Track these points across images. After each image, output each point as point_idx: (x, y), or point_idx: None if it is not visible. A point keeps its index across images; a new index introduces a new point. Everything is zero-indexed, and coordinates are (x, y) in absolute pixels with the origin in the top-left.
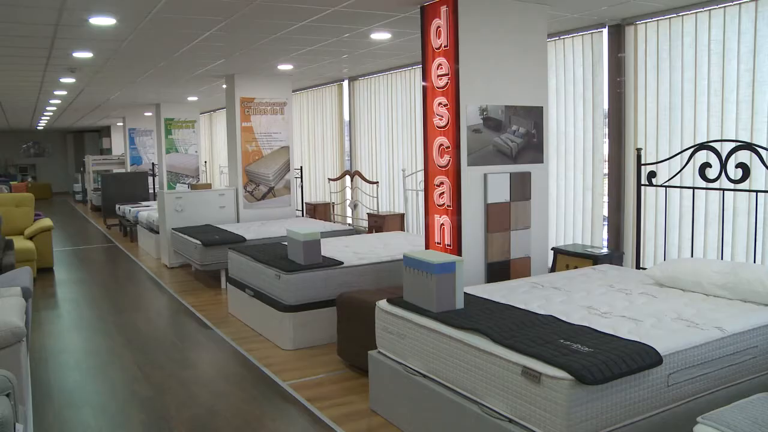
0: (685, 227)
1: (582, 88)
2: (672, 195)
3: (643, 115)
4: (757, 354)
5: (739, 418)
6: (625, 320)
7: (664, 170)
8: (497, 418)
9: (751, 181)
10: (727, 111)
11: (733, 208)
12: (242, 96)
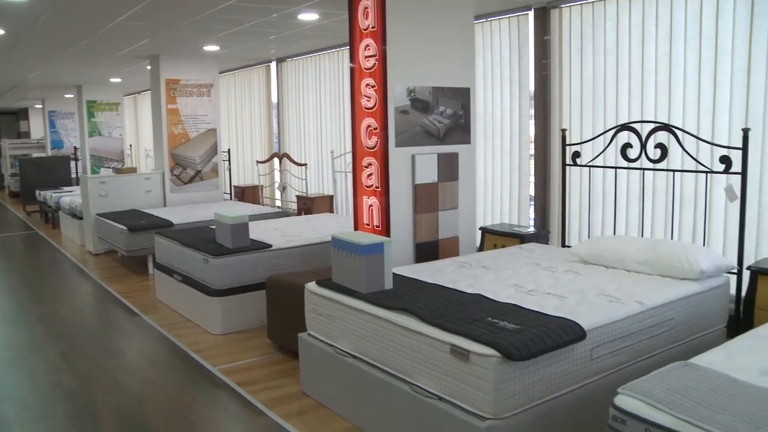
0: (608, 206)
1: (509, 70)
2: (595, 174)
3: (568, 97)
4: (674, 326)
5: (656, 386)
6: (550, 297)
7: (588, 150)
8: (427, 396)
9: (669, 160)
10: (646, 93)
11: (653, 186)
12: (167, 77)
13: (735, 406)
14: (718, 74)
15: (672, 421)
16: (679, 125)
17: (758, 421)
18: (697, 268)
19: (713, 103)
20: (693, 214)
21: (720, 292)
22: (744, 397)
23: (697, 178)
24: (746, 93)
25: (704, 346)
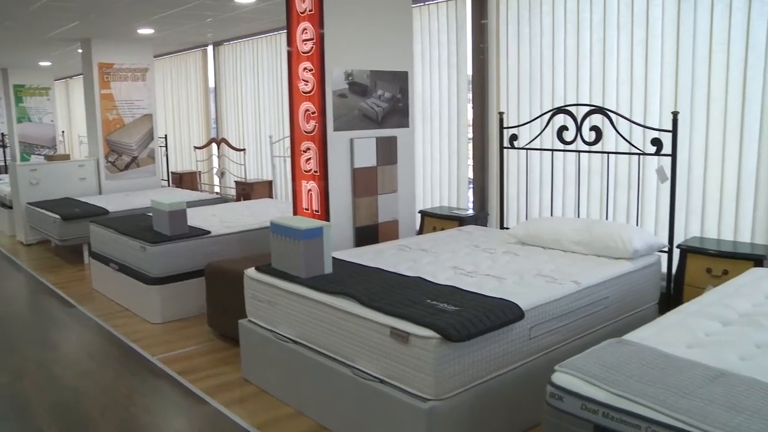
0: (545, 188)
1: (447, 54)
2: (532, 157)
3: (505, 81)
4: (609, 304)
5: (591, 363)
6: (489, 278)
7: (525, 133)
8: (368, 379)
9: (603, 143)
10: (581, 77)
11: (588, 168)
12: (100, 61)
13: (665, 378)
14: (649, 59)
15: (606, 396)
16: (613, 108)
17: (685, 392)
18: (630, 248)
19: (645, 88)
20: (627, 195)
21: (652, 271)
22: (673, 369)
23: (630, 160)
24: (675, 77)
25: (637, 323)
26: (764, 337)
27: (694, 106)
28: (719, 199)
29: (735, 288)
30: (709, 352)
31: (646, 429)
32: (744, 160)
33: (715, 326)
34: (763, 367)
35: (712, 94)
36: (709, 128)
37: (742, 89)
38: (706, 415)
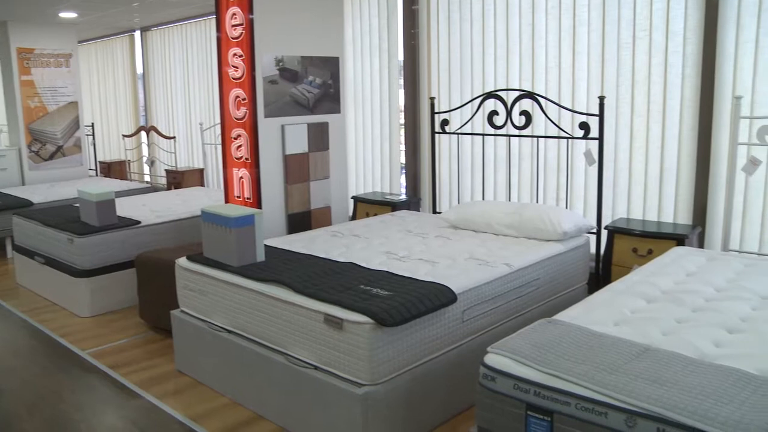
0: (477, 172)
1: (378, 40)
2: (464, 141)
3: (436, 66)
4: (540, 285)
5: (523, 343)
6: (422, 263)
7: (456, 118)
8: (303, 366)
9: (533, 127)
10: (511, 62)
11: (519, 152)
12: (19, 46)
13: (593, 356)
14: (576, 45)
15: (538, 375)
16: (542, 93)
17: (612, 368)
18: (560, 230)
19: (572, 73)
20: (556, 178)
21: (581, 252)
22: (601, 347)
23: (559, 144)
24: (601, 63)
25: (568, 303)
26: (685, 312)
27: (620, 91)
28: (644, 181)
29: (659, 267)
30: (634, 329)
31: (576, 405)
32: (667, 144)
33: (640, 304)
34: (684, 341)
35: (636, 79)
36: (634, 112)
37: (663, 75)
38: (631, 390)
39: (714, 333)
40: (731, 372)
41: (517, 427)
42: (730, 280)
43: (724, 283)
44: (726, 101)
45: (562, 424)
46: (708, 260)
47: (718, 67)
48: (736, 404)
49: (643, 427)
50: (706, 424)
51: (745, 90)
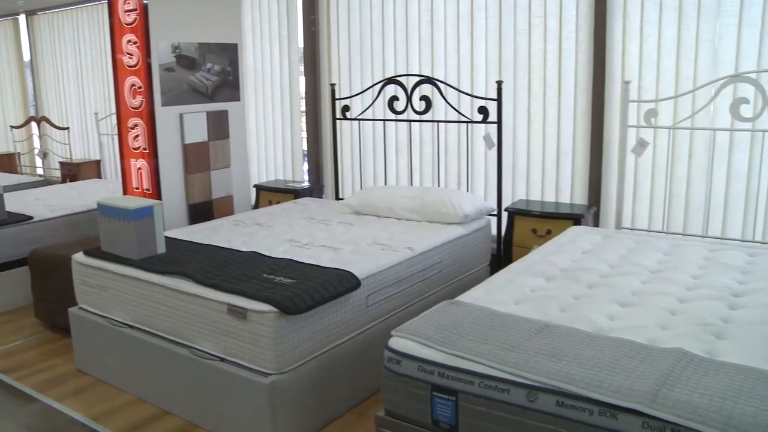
0: (379, 157)
1: (277, 26)
2: (365, 127)
3: (336, 52)
4: (442, 268)
5: (426, 326)
6: (325, 249)
7: (358, 104)
8: (208, 359)
9: (433, 112)
10: (411, 48)
11: (420, 137)
12: None
13: (495, 335)
14: (474, 31)
15: (442, 356)
16: (442, 78)
17: (513, 346)
18: (461, 213)
19: (471, 58)
20: (457, 162)
21: (482, 234)
22: (502, 326)
23: (459, 128)
24: (499, 49)
25: (470, 285)
26: (581, 289)
27: (517, 76)
28: (542, 164)
29: (557, 246)
30: (534, 307)
31: (479, 384)
32: (562, 127)
33: (539, 282)
34: (580, 317)
35: (533, 64)
36: (531, 96)
37: (558, 60)
38: (532, 366)
39: (608, 307)
40: (624, 343)
41: (423, 409)
42: (623, 257)
43: (617, 259)
44: (616, 86)
45: (467, 402)
46: (602, 238)
47: (608, 53)
48: (627, 373)
49: (544, 401)
50: (600, 394)
51: (633, 75)
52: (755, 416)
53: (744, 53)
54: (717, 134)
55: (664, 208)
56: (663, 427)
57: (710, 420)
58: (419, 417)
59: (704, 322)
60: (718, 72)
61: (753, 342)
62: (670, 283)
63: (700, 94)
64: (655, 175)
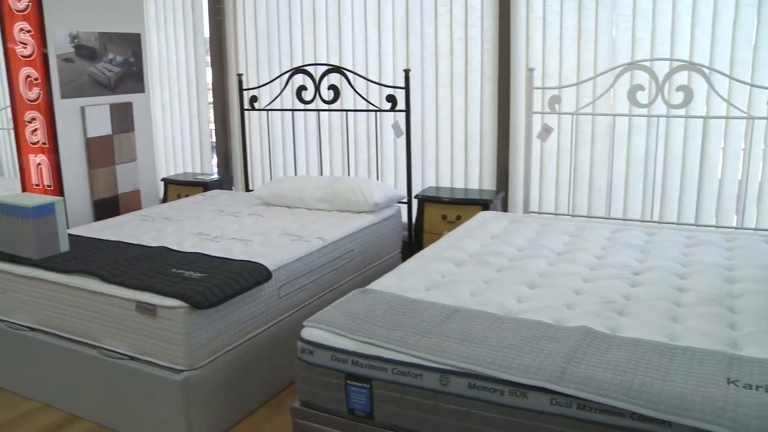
0: (288, 147)
1: (182, 15)
2: (274, 118)
3: (243, 42)
4: (354, 257)
5: (337, 315)
6: (235, 242)
7: (266, 94)
8: (118, 358)
9: (342, 101)
10: (318, 37)
11: (329, 126)
12: None
13: (407, 321)
14: (381, 20)
15: (354, 344)
16: (350, 67)
17: (425, 331)
18: (371, 201)
19: (379, 47)
20: (367, 151)
21: (393, 221)
22: (414, 312)
23: (368, 117)
24: (406, 37)
25: (382, 272)
26: (491, 273)
27: (425, 64)
28: (451, 151)
29: (466, 231)
30: (444, 292)
31: (392, 370)
32: (470, 114)
33: (449, 268)
34: (490, 300)
35: (440, 52)
36: (439, 84)
37: (464, 48)
38: (444, 350)
39: (517, 290)
40: (532, 324)
41: (338, 398)
42: (530, 240)
43: (525, 243)
44: (521, 73)
45: (381, 389)
46: (510, 222)
47: (513, 41)
48: (535, 353)
49: (456, 384)
50: (510, 374)
51: (536, 62)
52: (651, 385)
53: (639, 42)
54: (616, 119)
55: (569, 191)
56: (570, 403)
57: (613, 393)
58: (334, 406)
59: (607, 300)
60: (616, 60)
61: (650, 316)
62: (576, 264)
63: (600, 81)
64: (560, 159)
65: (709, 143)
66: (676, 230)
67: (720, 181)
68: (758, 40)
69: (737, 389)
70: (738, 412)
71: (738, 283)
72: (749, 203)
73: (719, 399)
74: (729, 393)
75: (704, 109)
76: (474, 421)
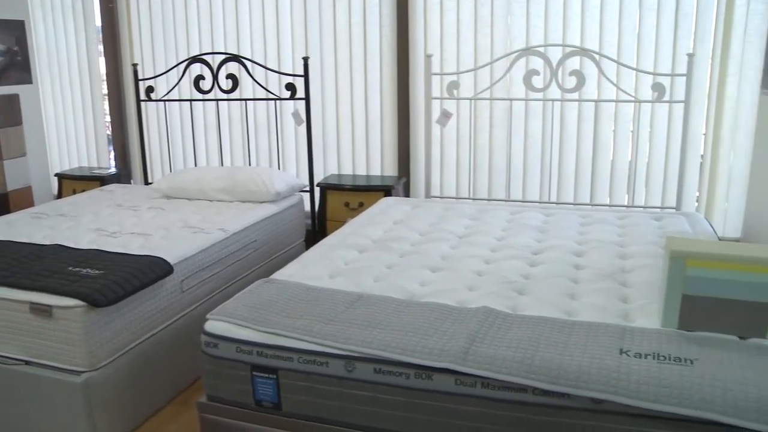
0: (188, 138)
1: (70, 1)
2: (172, 108)
3: (138, 30)
4: (257, 247)
5: (241, 306)
6: (135, 236)
7: (163, 84)
8: (12, 364)
9: (241, 90)
10: (215, 25)
11: (229, 116)
12: None
13: (311, 309)
14: (279, 8)
15: (259, 335)
16: (248, 56)
17: (329, 319)
18: (273, 190)
19: (277, 35)
20: (267, 140)
21: (296, 210)
22: (318, 300)
23: (268, 106)
24: (304, 24)
25: (286, 262)
26: (393, 258)
27: (324, 51)
28: (352, 138)
29: (369, 218)
30: (348, 279)
31: (298, 359)
32: (370, 101)
33: (352, 255)
34: (393, 285)
35: (339, 39)
36: (338, 72)
37: (363, 34)
38: (348, 336)
39: (420, 274)
40: (435, 307)
41: (244, 390)
42: (432, 224)
43: (427, 227)
44: (420, 59)
45: (288, 379)
46: (413, 207)
47: (411, 27)
48: (439, 335)
49: (362, 370)
50: (415, 357)
51: (435, 48)
52: (551, 360)
53: (533, 29)
54: (513, 104)
55: (470, 175)
56: (474, 382)
57: (515, 370)
58: (242, 398)
59: (507, 280)
60: (512, 46)
61: (549, 294)
62: (477, 246)
63: (497, 67)
64: (460, 144)
65: (601, 126)
66: (573, 210)
67: (612, 162)
68: (641, 28)
69: (629, 359)
70: (630, 380)
71: (630, 259)
72: (639, 183)
73: (613, 369)
74: (622, 363)
75: (596, 93)
76: (380, 406)
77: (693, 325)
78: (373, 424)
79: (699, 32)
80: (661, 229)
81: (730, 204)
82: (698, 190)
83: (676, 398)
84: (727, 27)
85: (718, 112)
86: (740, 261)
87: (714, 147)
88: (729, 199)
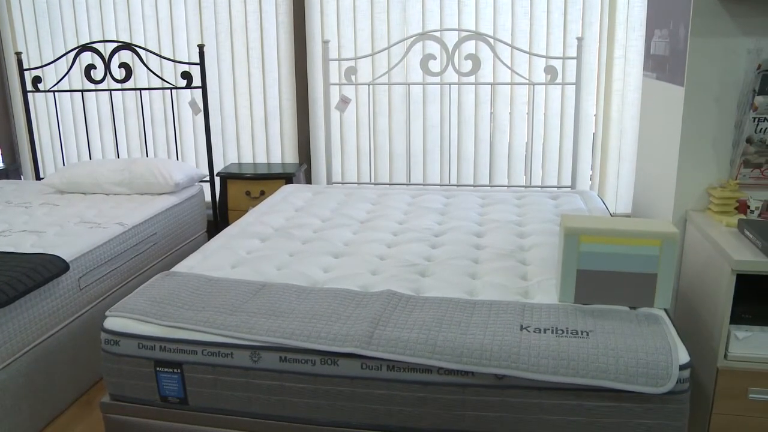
0: (81, 130)
1: None
2: (63, 99)
3: (20, 16)
4: (157, 240)
5: (141, 301)
6: (26, 234)
7: (51, 74)
8: None
9: (135, 79)
10: (106, 12)
11: (123, 107)
12: None
13: (213, 301)
14: None
15: (161, 330)
16: (142, 44)
17: (232, 309)
18: (171, 182)
19: (171, 22)
20: (164, 130)
21: (196, 201)
22: (220, 291)
23: (164, 95)
24: (199, 11)
25: (188, 254)
26: (296, 246)
27: (219, 39)
28: (251, 126)
29: (270, 206)
30: (250, 269)
31: (202, 352)
32: (268, 88)
33: (254, 244)
34: (296, 273)
35: (234, 26)
36: (235, 59)
37: (259, 21)
38: (252, 326)
39: (322, 260)
40: (338, 293)
41: (149, 386)
42: (334, 210)
43: (328, 213)
44: (317, 45)
45: (193, 372)
46: (314, 194)
47: (307, 13)
48: (343, 320)
49: (267, 359)
50: (319, 344)
51: (332, 34)
52: (454, 340)
53: (429, 14)
54: (411, 88)
55: (370, 160)
56: (380, 365)
57: (419, 351)
58: (146, 395)
59: (410, 263)
60: (409, 31)
61: (451, 275)
62: (379, 230)
63: (394, 52)
64: (360, 129)
65: (497, 109)
66: (473, 192)
67: (509, 143)
68: (533, 12)
69: (529, 334)
70: (530, 355)
71: (528, 237)
72: (535, 163)
73: (514, 345)
74: (522, 339)
75: (491, 76)
76: (287, 394)
77: (588, 298)
78: (282, 412)
79: (586, 17)
80: (557, 208)
81: (620, 181)
82: (591, 169)
83: (573, 369)
84: (612, 12)
85: (607, 94)
86: (628, 235)
87: (604, 127)
88: (620, 177)
